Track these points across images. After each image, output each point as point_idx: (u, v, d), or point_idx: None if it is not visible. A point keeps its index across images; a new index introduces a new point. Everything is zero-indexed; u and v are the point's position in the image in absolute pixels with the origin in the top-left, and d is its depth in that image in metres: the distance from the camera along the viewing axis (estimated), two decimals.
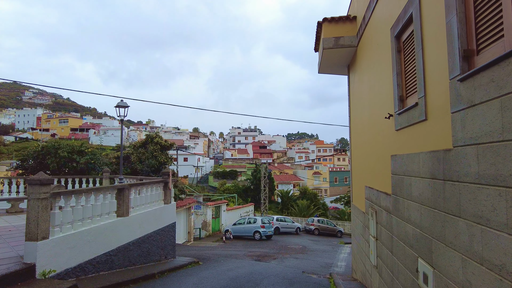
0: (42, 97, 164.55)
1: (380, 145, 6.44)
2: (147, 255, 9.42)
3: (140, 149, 19.94)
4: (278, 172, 77.46)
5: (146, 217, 9.43)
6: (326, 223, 32.82)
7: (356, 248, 9.43)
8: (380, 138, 6.43)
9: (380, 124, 6.43)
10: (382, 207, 6.14)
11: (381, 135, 6.32)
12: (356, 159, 9.80)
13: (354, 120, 10.02)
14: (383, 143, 6.20)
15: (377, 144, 6.76)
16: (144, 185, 9.55)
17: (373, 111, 7.04)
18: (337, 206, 60.73)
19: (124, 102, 12.88)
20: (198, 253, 15.40)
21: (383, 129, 6.18)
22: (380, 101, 6.41)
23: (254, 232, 23.95)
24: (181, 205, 21.11)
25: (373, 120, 7.12)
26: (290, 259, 14.49)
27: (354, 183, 10.21)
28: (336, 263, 14.58)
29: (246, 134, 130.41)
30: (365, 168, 8.10)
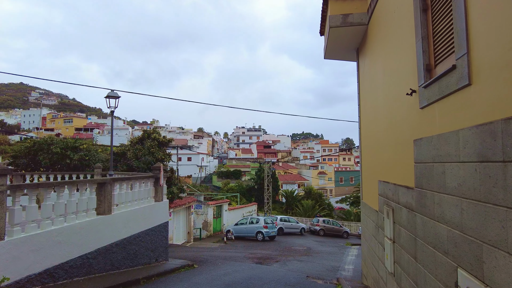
0: (48, 97, 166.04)
1: (398, 130, 5.45)
2: (134, 257, 8.50)
3: (137, 145, 19.08)
4: (282, 172, 76.53)
5: (133, 216, 8.52)
6: (332, 224, 31.75)
7: (367, 251, 8.43)
8: (399, 121, 5.44)
9: (398, 106, 5.44)
10: (401, 203, 5.15)
11: (400, 117, 5.33)
12: (367, 151, 8.80)
13: (365, 108, 9.01)
14: (402, 127, 5.21)
15: (394, 130, 5.77)
16: (130, 180, 8.64)
17: (389, 92, 6.04)
18: (342, 206, 59.67)
19: (114, 93, 12.00)
20: (196, 254, 14.48)
21: (402, 111, 5.19)
22: (398, 78, 5.42)
23: (257, 232, 22.99)
24: (180, 204, 20.24)
25: (389, 103, 6.13)
26: (294, 262, 13.51)
27: (364, 179, 9.21)
28: (343, 266, 13.56)
29: (251, 134, 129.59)
30: (379, 160, 7.10)
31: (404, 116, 5.07)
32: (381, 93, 6.76)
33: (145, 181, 9.48)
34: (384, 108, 6.50)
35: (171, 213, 19.23)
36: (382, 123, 6.70)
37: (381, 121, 6.80)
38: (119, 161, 19.10)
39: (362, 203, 9.38)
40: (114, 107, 12.12)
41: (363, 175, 9.34)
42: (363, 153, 9.44)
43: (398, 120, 5.48)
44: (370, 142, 8.17)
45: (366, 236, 8.64)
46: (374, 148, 7.61)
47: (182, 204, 20.51)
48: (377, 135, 7.24)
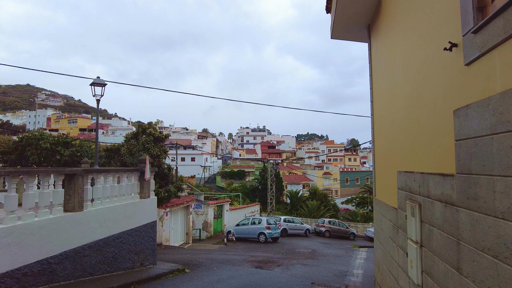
0: (54, 98, 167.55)
1: (427, 103, 4.29)
2: (112, 261, 7.41)
3: (131, 141, 18.06)
4: (287, 173, 75.50)
5: (112, 214, 7.43)
6: (338, 225, 30.49)
7: (382, 255, 7.25)
8: (428, 93, 4.28)
9: (426, 73, 4.29)
10: (433, 196, 3.99)
11: (430, 87, 4.17)
12: (381, 139, 7.63)
13: (378, 91, 7.84)
14: (434, 99, 4.05)
15: (420, 106, 4.61)
16: (109, 172, 7.56)
17: (413, 59, 4.88)
18: (348, 207, 58.50)
19: (101, 80, 10.95)
20: (191, 257, 13.38)
21: (433, 77, 4.03)
22: (427, 36, 4.27)
23: (259, 233, 21.83)
24: (178, 203, 19.17)
25: (412, 74, 4.97)
26: (298, 266, 12.34)
27: (378, 172, 8.04)
28: (351, 271, 12.36)
29: (255, 134, 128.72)
30: (398, 147, 5.93)
31: (437, 83, 3.92)
32: (401, 66, 5.60)
33: (128, 174, 8.40)
34: (406, 83, 5.34)
35: (167, 213, 18.19)
36: (402, 102, 5.55)
37: (401, 100, 5.65)
38: (113, 157, 18.10)
39: (375, 201, 8.22)
40: (100, 95, 11.07)
41: (377, 168, 8.16)
42: (376, 143, 8.27)
43: (427, 92, 4.32)
44: (386, 128, 7.00)
45: (380, 238, 7.47)
46: (391, 133, 6.44)
47: (180, 203, 19.44)
48: (396, 118, 6.08)
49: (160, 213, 17.73)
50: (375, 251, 8.21)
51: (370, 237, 30.54)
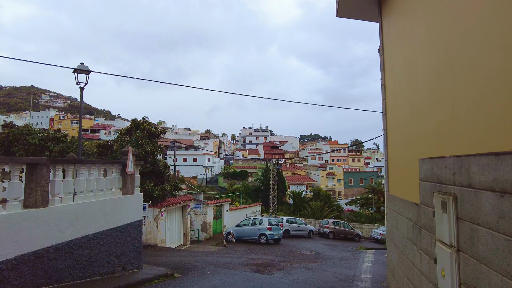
0: (58, 100, 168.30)
1: (469, 67, 3.31)
2: (86, 266, 6.45)
3: (124, 137, 17.15)
4: (290, 173, 74.56)
5: (86, 211, 6.48)
6: (343, 226, 29.40)
7: (397, 260, 6.23)
8: (467, 55, 3.30)
9: (465, 26, 3.31)
10: (479, 185, 2.99)
11: (471, 47, 3.19)
12: (396, 124, 6.62)
13: (392, 69, 6.84)
14: (479, 60, 3.07)
15: (458, 72, 3.62)
16: (83, 164, 6.60)
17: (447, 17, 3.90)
18: (352, 208, 57.45)
19: (84, 66, 10.04)
20: (185, 260, 12.41)
21: (476, 30, 3.05)
22: None
23: (260, 235, 20.82)
24: (174, 202, 18.23)
25: (445, 33, 3.99)
26: (300, 270, 11.33)
27: (392, 162, 7.03)
28: (359, 275, 11.33)
29: (258, 135, 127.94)
30: (420, 129, 4.93)
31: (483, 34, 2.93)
32: (424, 34, 4.61)
33: (108, 167, 7.45)
34: (433, 51, 4.34)
35: (163, 213, 17.25)
36: (427, 75, 4.56)
37: (425, 74, 4.66)
38: (106, 154, 17.21)
39: (387, 197, 7.22)
40: (84, 83, 10.15)
41: (390, 160, 7.15)
42: (389, 131, 7.27)
43: (467, 54, 3.34)
44: (403, 112, 5.99)
45: (395, 240, 6.45)
46: (410, 116, 5.44)
47: (177, 203, 18.50)
48: (416, 97, 5.08)
49: (155, 212, 16.80)
50: (388, 254, 7.19)
51: (376, 238, 29.43)
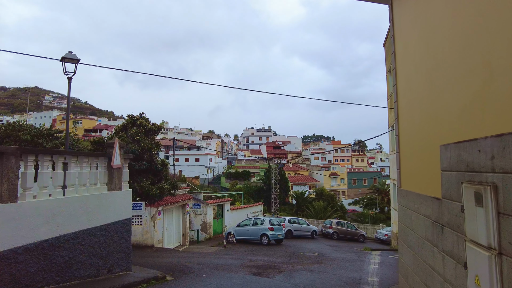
0: (61, 101, 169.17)
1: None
2: (65, 269, 5.80)
3: (120, 133, 16.53)
4: (293, 173, 73.93)
5: (64, 207, 5.84)
6: (347, 226, 28.64)
7: (412, 263, 5.53)
8: None
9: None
10: None
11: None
12: (410, 108, 5.91)
13: (407, 45, 6.14)
14: None
15: (497, 22, 2.93)
16: (60, 155, 5.96)
17: None
18: (355, 209, 56.71)
19: (73, 55, 9.42)
20: (182, 261, 11.76)
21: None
22: None
23: (261, 235, 20.12)
24: (172, 201, 17.58)
25: None
26: (303, 273, 10.63)
27: (404, 155, 6.33)
28: (365, 278, 10.62)
29: (260, 135, 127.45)
30: (441, 111, 4.23)
31: None
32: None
33: (91, 160, 6.81)
34: (456, 20, 3.66)
35: (160, 212, 16.61)
36: (451, 45, 3.87)
37: (448, 43, 3.97)
38: (101, 151, 16.58)
39: (399, 193, 6.53)
40: (73, 73, 9.53)
41: (402, 149, 6.45)
42: (401, 117, 6.56)
43: None
44: (418, 91, 5.29)
45: (409, 241, 5.75)
46: (429, 93, 4.74)
47: (174, 202, 17.85)
48: (436, 70, 4.38)
49: (152, 212, 16.17)
50: (401, 256, 6.49)
51: (381, 239, 28.64)
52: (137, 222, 16.21)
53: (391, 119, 21.12)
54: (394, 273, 11.77)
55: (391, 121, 21.28)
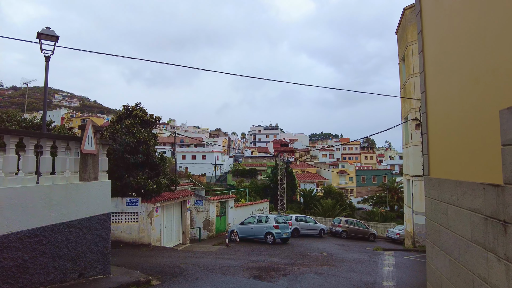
0: (71, 100, 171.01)
1: None
2: (18, 273, 4.76)
3: (115, 125, 15.56)
4: (300, 171, 72.92)
5: (16, 199, 4.78)
6: (356, 225, 27.36)
7: (449, 270, 4.35)
8: None
9: None
10: None
11: None
12: (446, 72, 4.69)
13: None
14: None
15: None
16: (12, 135, 4.90)
17: None
18: (364, 207, 55.48)
19: (50, 31, 8.39)
20: (176, 262, 10.71)
21: None
22: None
23: (266, 233, 19.00)
24: (171, 197, 16.56)
25: None
26: (309, 276, 9.48)
27: (435, 131, 5.11)
28: (380, 282, 9.44)
29: (267, 132, 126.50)
30: (504, 54, 3.05)
31: None
32: None
33: (59, 144, 5.74)
34: None
35: (158, 208, 15.60)
36: None
37: None
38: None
39: (428, 182, 5.34)
40: (51, 52, 8.51)
41: (432, 126, 5.23)
42: (431, 84, 5.34)
43: None
44: (459, 50, 4.08)
45: (443, 242, 4.56)
46: (480, 48, 3.55)
47: (174, 198, 16.83)
48: (487, 17, 3.20)
49: (148, 208, 15.16)
50: (430, 261, 5.29)
51: (393, 238, 27.33)
52: (133, 219, 15.24)
53: (405, 110, 19.82)
54: (411, 277, 10.54)
55: (404, 113, 19.97)
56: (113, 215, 15.19)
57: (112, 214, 15.23)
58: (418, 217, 16.86)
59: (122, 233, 15.10)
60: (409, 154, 18.52)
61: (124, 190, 15.33)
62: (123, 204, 15.16)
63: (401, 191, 51.59)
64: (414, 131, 17.26)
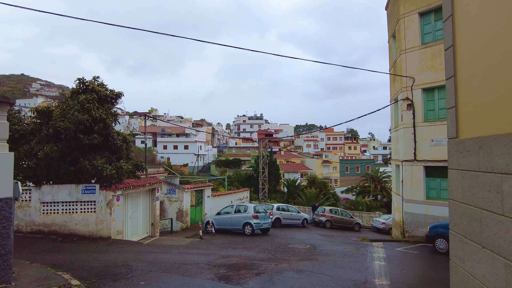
0: (49, 89, 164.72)
1: None
2: None
3: (69, 101, 13.43)
4: (284, 161, 72.03)
5: None
6: (341, 214, 26.11)
7: (503, 280, 2.76)
8: None
9: None
10: None
11: None
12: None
13: None
14: None
15: None
16: None
17: None
18: (348, 197, 55.01)
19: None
20: (131, 258, 8.93)
21: None
22: None
23: (244, 224, 17.39)
24: (136, 185, 14.64)
25: None
26: (288, 275, 7.87)
27: (472, 73, 3.46)
28: (371, 280, 7.95)
29: (252, 122, 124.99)
30: None
31: None
32: None
33: None
34: None
35: (119, 197, 13.68)
36: None
37: None
38: (47, 123, 13.52)
39: (456, 146, 3.68)
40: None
41: (464, 64, 3.58)
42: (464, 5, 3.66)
43: None
44: None
45: (492, 237, 2.93)
46: None
47: (140, 186, 14.91)
48: None
49: (108, 197, 13.24)
50: (458, 261, 3.69)
51: (378, 228, 26.28)
52: (90, 209, 13.29)
53: (394, 91, 18.39)
54: (407, 273, 9.11)
55: (394, 93, 18.55)
56: (66, 204, 13.22)
57: (66, 203, 13.25)
58: (409, 205, 15.56)
59: (77, 225, 13.15)
60: (398, 137, 17.14)
61: (79, 176, 13.33)
62: (78, 192, 13.18)
63: (384, 180, 51.16)
64: (405, 112, 15.84)
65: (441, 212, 14.25)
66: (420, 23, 15.66)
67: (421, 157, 15.10)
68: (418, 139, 15.23)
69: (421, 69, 15.29)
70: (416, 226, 15.24)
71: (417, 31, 15.63)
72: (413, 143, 15.33)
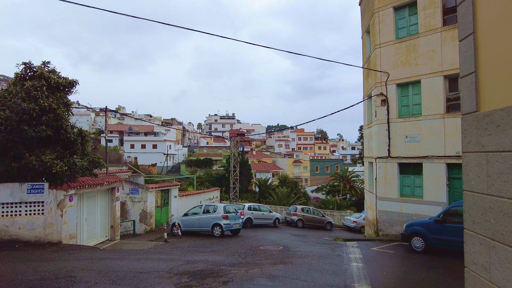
0: (6, 84, 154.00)
1: None
2: None
3: (13, 87, 11.79)
4: (256, 161, 71.66)
5: None
6: (313, 213, 25.71)
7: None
8: None
9: None
10: None
11: None
12: None
13: None
14: None
15: None
16: None
17: None
18: (318, 196, 55.35)
19: None
20: (78, 267, 7.68)
21: None
22: None
23: (213, 225, 16.34)
24: (93, 184, 13.18)
25: None
26: (259, 282, 6.99)
27: (501, 30, 2.72)
28: (351, 285, 7.26)
29: (224, 122, 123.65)
30: None
31: None
32: None
33: None
34: None
35: (72, 197, 12.22)
36: None
37: None
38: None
39: (477, 123, 2.93)
40: None
41: (486, 19, 2.87)
42: None
43: None
44: None
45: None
46: None
47: (97, 184, 13.45)
48: None
49: (59, 196, 11.76)
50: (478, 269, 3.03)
51: (349, 226, 26.15)
52: (37, 211, 11.76)
53: (368, 87, 18.07)
54: (387, 275, 8.53)
55: (367, 89, 18.24)
56: (7, 206, 11.59)
57: (7, 205, 11.59)
58: (383, 203, 15.23)
59: (20, 229, 11.56)
60: (372, 134, 16.82)
61: (24, 174, 11.71)
62: (23, 191, 11.59)
63: (353, 180, 51.94)
64: (379, 108, 15.51)
65: (415, 209, 14.00)
66: (394, 18, 15.40)
67: (395, 154, 14.80)
68: (392, 135, 14.93)
69: (396, 64, 15.01)
70: (390, 224, 14.92)
71: (392, 26, 15.35)
72: (387, 139, 15.02)
